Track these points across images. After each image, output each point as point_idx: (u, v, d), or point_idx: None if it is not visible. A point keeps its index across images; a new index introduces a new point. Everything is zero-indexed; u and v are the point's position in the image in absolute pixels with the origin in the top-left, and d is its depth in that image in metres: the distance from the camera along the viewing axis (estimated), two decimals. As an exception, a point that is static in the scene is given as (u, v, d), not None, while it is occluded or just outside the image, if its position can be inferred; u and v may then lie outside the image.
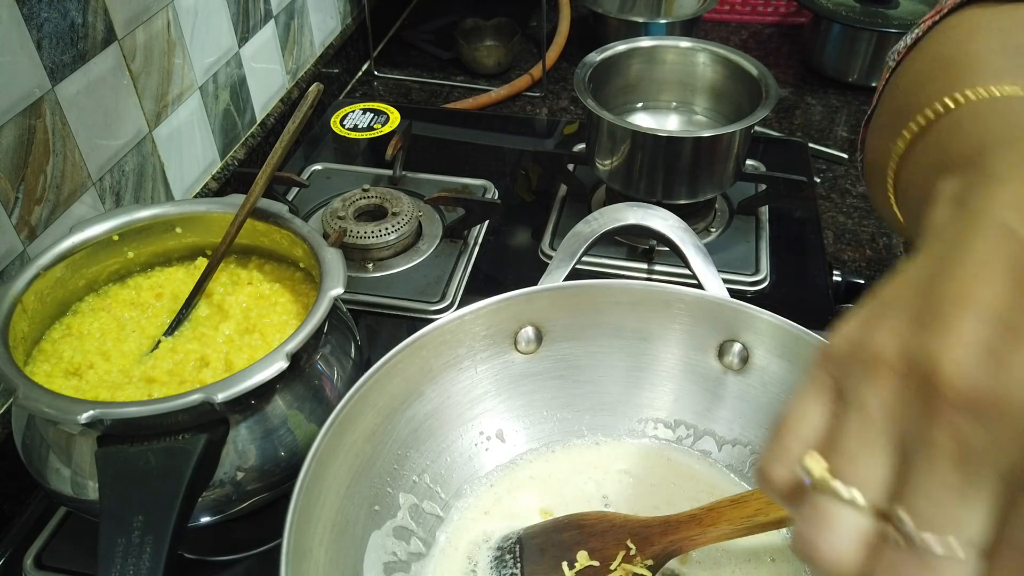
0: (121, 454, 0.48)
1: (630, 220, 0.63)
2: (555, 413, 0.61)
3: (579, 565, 0.50)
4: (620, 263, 0.83)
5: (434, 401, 0.57)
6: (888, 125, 0.47)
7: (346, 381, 0.58)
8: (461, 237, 0.86)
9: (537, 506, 0.56)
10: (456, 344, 0.57)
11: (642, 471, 0.58)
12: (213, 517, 0.53)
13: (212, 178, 0.92)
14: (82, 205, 0.71)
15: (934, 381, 0.22)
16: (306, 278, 0.63)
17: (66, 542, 0.61)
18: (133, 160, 0.78)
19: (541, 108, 1.18)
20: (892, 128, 0.46)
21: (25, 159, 0.64)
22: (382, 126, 1.00)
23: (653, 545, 0.49)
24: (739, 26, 1.40)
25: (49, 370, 0.55)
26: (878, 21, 1.17)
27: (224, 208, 0.62)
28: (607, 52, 0.87)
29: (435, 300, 0.79)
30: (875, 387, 0.24)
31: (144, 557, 0.44)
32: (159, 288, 0.62)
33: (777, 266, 0.82)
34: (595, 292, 0.59)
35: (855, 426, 0.25)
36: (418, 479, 0.55)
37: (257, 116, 1.01)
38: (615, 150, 0.81)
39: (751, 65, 0.84)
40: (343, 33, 1.22)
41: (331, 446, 0.48)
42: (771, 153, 0.99)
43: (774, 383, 0.57)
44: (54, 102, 0.66)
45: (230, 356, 0.55)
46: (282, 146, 0.61)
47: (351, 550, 0.50)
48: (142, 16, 0.76)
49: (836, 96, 1.21)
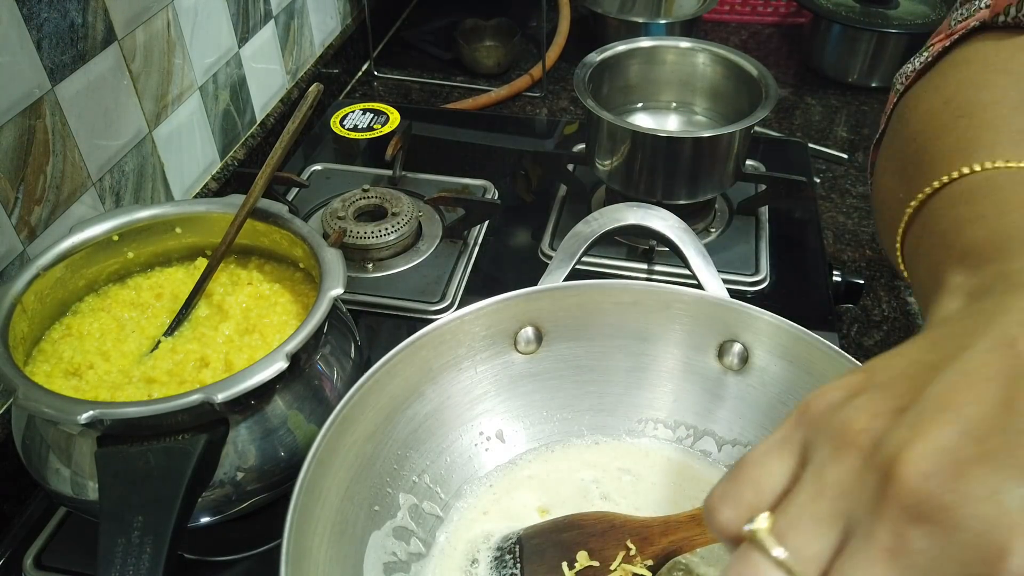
0: (121, 454, 0.48)
1: (630, 220, 0.63)
2: (555, 413, 0.61)
3: (579, 565, 0.50)
4: (620, 263, 0.83)
5: (434, 401, 0.57)
6: (899, 171, 0.46)
7: (346, 381, 0.58)
8: (461, 237, 0.86)
9: (536, 505, 0.56)
10: (456, 344, 0.57)
11: (642, 471, 0.58)
12: (213, 517, 0.53)
13: (212, 178, 0.92)
14: (82, 205, 0.71)
15: (892, 474, 0.23)
16: (306, 278, 0.63)
17: (66, 542, 0.61)
18: (133, 160, 0.78)
19: (541, 108, 1.18)
20: (902, 176, 0.45)
21: (25, 159, 0.64)
22: (382, 126, 1.00)
23: (653, 545, 0.49)
24: (739, 26, 1.40)
25: (49, 370, 0.55)
26: (878, 21, 1.17)
27: (224, 208, 0.62)
28: (607, 52, 0.87)
29: (435, 300, 0.79)
30: (837, 462, 0.24)
31: (144, 557, 0.44)
32: (159, 288, 0.62)
33: (777, 266, 0.83)
34: (595, 292, 0.59)
35: (808, 494, 0.25)
36: (418, 479, 0.55)
37: (257, 116, 1.01)
38: (615, 150, 0.81)
39: (751, 65, 0.84)
40: (343, 33, 1.22)
41: (331, 446, 0.48)
42: (771, 153, 0.99)
43: (774, 383, 0.57)
44: (54, 102, 0.66)
45: (230, 356, 0.56)
46: (282, 146, 0.61)
47: (351, 550, 0.50)
48: (142, 16, 0.76)
49: (836, 96, 1.21)
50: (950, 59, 0.48)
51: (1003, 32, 0.46)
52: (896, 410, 0.24)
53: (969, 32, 0.47)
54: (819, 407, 0.26)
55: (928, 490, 0.22)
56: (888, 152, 0.50)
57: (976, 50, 0.46)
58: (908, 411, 0.23)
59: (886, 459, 0.23)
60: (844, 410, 0.25)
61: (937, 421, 0.23)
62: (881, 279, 0.93)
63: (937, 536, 0.22)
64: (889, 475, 0.23)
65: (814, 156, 1.06)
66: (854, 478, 0.24)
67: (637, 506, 0.56)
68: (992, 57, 0.45)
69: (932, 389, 0.24)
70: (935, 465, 0.22)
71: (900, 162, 0.46)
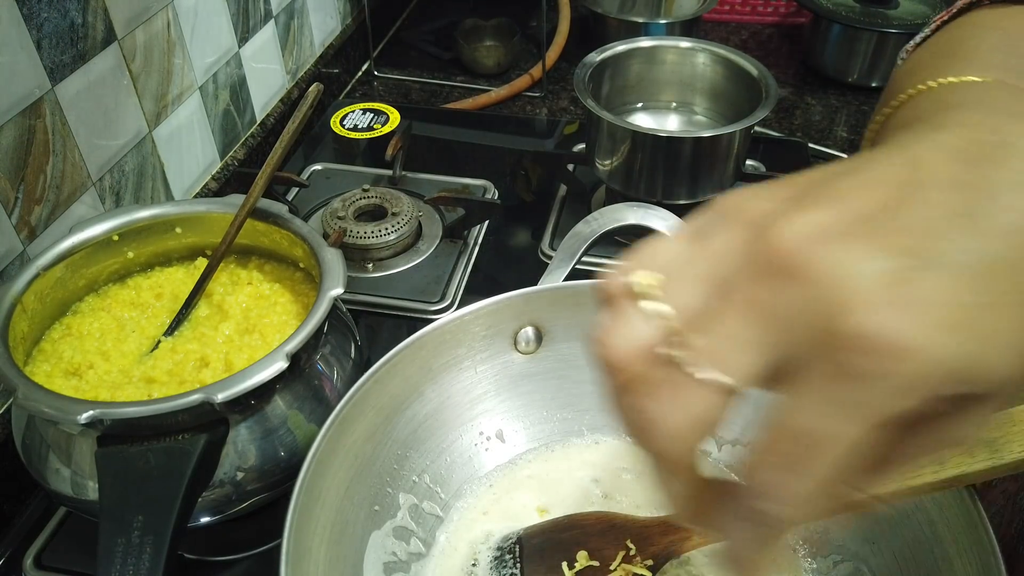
0: (121, 454, 0.48)
1: (630, 220, 0.63)
2: (555, 413, 0.61)
3: (579, 565, 0.50)
4: (620, 263, 0.83)
5: (434, 401, 0.57)
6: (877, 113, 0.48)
7: (346, 381, 0.58)
8: (461, 237, 0.86)
9: (536, 505, 0.56)
10: (456, 344, 0.57)
11: (642, 470, 0.58)
12: (213, 517, 0.54)
13: (212, 178, 0.92)
14: (82, 205, 0.71)
15: (764, 236, 0.24)
16: (306, 278, 0.63)
17: (66, 542, 0.61)
18: (133, 160, 0.78)
19: (541, 108, 1.18)
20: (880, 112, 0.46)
21: (25, 159, 0.64)
22: (382, 126, 1.00)
23: (653, 545, 0.49)
24: (739, 26, 1.40)
25: (49, 370, 0.55)
26: (878, 21, 1.17)
27: (224, 208, 0.62)
28: (607, 52, 0.87)
29: (435, 300, 0.79)
30: (723, 233, 0.26)
31: (144, 557, 0.44)
32: (159, 288, 0.62)
33: (777, 266, 0.82)
34: (595, 292, 0.59)
35: (689, 255, 0.26)
36: (418, 479, 0.55)
37: (257, 116, 1.01)
38: (615, 150, 0.81)
39: (751, 65, 0.84)
40: (343, 33, 1.22)
41: (331, 446, 0.48)
42: (771, 153, 0.99)
43: (774, 383, 0.56)
44: (54, 102, 0.66)
45: (230, 356, 0.56)
46: (282, 146, 0.61)
47: (351, 550, 0.50)
48: (142, 16, 0.76)
49: (836, 96, 1.21)
50: (947, 26, 0.50)
51: (1004, 6, 0.47)
52: (790, 199, 0.25)
53: (969, 6, 0.49)
54: (726, 201, 0.27)
55: (791, 248, 0.23)
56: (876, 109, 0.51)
57: (972, 16, 0.48)
58: (801, 199, 0.25)
59: (764, 227, 0.24)
60: (745, 198, 0.26)
61: (821, 205, 0.24)
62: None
63: (791, 290, 0.23)
64: (761, 237, 0.24)
65: (814, 156, 1.06)
66: (735, 246, 0.25)
67: (638, 504, 0.56)
68: (984, 19, 0.47)
69: (828, 186, 0.25)
70: (805, 230, 0.23)
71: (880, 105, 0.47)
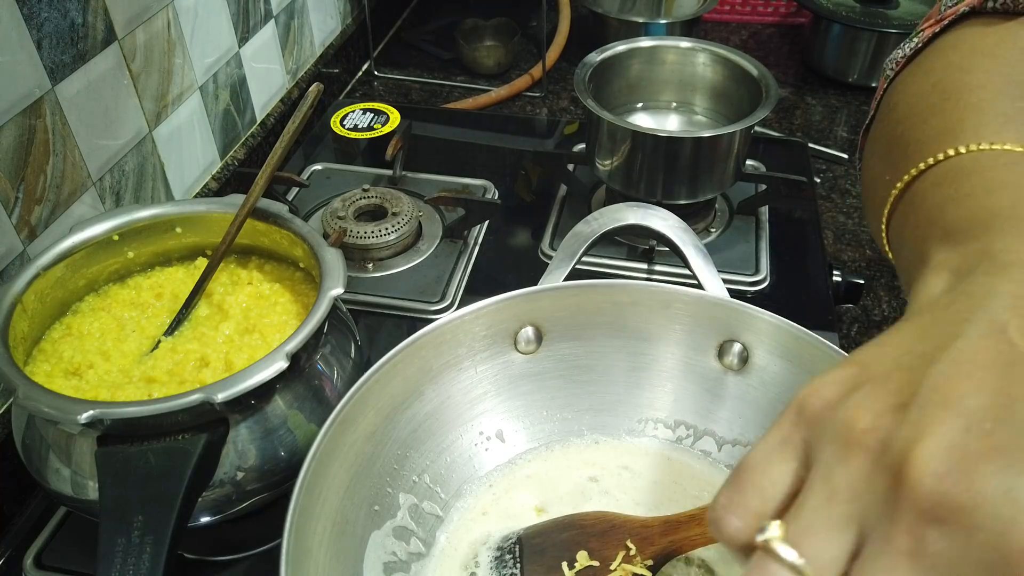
0: (121, 454, 0.48)
1: (630, 220, 0.63)
2: (555, 413, 0.61)
3: (579, 565, 0.49)
4: (620, 263, 0.83)
5: (434, 401, 0.57)
6: (885, 154, 0.47)
7: (346, 381, 0.58)
8: (461, 237, 0.86)
9: (536, 505, 0.56)
10: (456, 344, 0.57)
11: (642, 469, 0.58)
12: (213, 517, 0.53)
13: (212, 178, 0.92)
14: (82, 205, 0.71)
15: (904, 475, 0.22)
16: (306, 278, 0.63)
17: (66, 542, 0.61)
18: (133, 160, 0.78)
19: (541, 108, 1.18)
20: (889, 159, 0.45)
21: (25, 159, 0.64)
22: (382, 126, 1.00)
23: (653, 545, 0.49)
24: (739, 26, 1.40)
25: (49, 370, 0.55)
26: (878, 21, 1.17)
27: (224, 208, 0.62)
28: (607, 52, 0.87)
29: (435, 300, 0.79)
30: (846, 464, 0.24)
31: (144, 557, 0.44)
32: (159, 288, 0.62)
33: (777, 266, 0.82)
34: (595, 292, 0.59)
35: (819, 499, 0.25)
36: (418, 479, 0.55)
37: (257, 116, 1.01)
38: (615, 150, 0.81)
39: (751, 65, 0.84)
40: (343, 33, 1.22)
41: (331, 446, 0.48)
42: (771, 153, 0.99)
43: (774, 383, 0.57)
44: (54, 102, 0.66)
45: (230, 356, 0.55)
46: (282, 146, 0.61)
47: (351, 550, 0.50)
48: (142, 16, 0.76)
49: (836, 96, 1.21)
50: (939, 44, 0.48)
51: (992, 17, 0.46)
52: (897, 406, 0.24)
53: (959, 18, 0.48)
54: (816, 405, 0.26)
55: (943, 491, 0.22)
56: (875, 136, 0.50)
57: (964, 35, 0.47)
58: (910, 407, 0.23)
59: (896, 460, 0.23)
60: (844, 408, 0.25)
61: (940, 417, 0.22)
62: (881, 279, 0.93)
63: (956, 537, 0.22)
64: (901, 476, 0.22)
65: (814, 156, 1.06)
66: (865, 480, 0.24)
67: (637, 501, 0.56)
68: (980, 42, 0.46)
69: (930, 382, 0.24)
70: (946, 464, 0.22)
71: (887, 145, 0.47)
